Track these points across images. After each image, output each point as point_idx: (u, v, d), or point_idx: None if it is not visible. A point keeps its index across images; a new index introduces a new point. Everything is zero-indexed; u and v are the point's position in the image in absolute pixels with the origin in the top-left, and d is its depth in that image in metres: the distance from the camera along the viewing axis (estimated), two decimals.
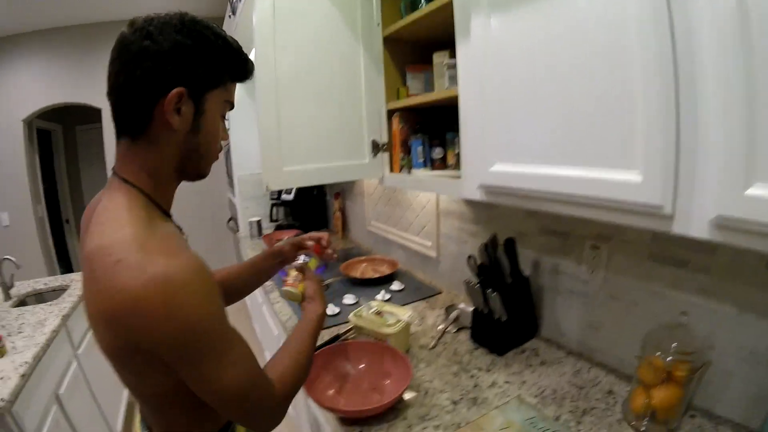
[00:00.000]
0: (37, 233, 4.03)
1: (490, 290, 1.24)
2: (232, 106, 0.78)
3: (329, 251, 1.14)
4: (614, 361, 1.15)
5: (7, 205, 3.90)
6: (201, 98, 0.69)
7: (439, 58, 1.31)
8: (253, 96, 3.09)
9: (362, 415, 1.02)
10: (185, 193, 1.11)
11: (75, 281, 2.39)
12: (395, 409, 1.05)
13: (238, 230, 3.46)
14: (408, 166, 1.48)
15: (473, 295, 1.32)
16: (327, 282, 1.92)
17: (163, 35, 0.63)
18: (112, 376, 1.77)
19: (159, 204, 0.72)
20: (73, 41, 3.86)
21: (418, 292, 1.80)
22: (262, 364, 0.74)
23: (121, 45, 0.64)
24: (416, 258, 2.05)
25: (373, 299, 1.70)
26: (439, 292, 1.80)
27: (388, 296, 1.74)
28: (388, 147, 1.54)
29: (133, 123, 0.67)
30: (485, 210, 1.55)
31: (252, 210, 3.33)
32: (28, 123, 3.96)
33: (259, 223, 3.12)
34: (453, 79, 1.22)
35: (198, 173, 0.78)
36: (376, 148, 1.53)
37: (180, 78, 0.65)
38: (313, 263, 1.11)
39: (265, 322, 2.44)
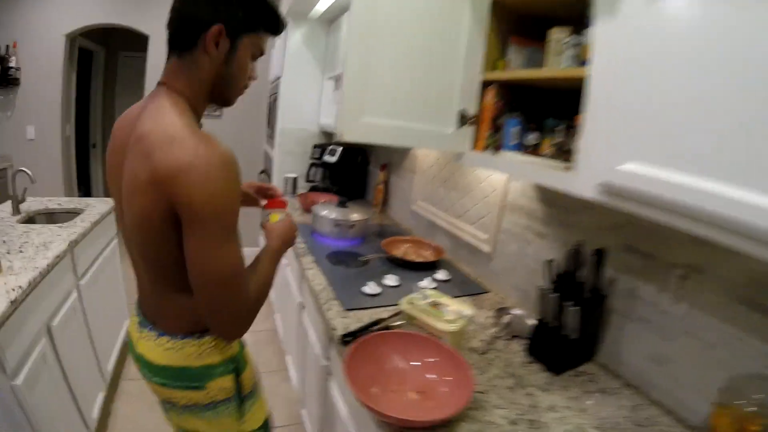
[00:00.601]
0: (60, 152, 3.96)
1: (570, 303, 1.09)
2: (261, 53, 0.94)
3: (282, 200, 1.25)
4: (673, 402, 1.04)
5: (35, 119, 3.81)
6: (236, 39, 0.86)
7: (560, 34, 1.13)
8: (312, 47, 3.03)
9: (412, 425, 0.89)
10: (222, 133, 1.22)
11: (91, 206, 2.26)
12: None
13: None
14: (493, 146, 1.33)
15: (545, 304, 1.19)
16: (367, 258, 1.79)
17: None
18: (111, 312, 1.88)
19: (197, 114, 0.89)
20: None
21: (464, 287, 1.67)
22: None
23: None
24: (464, 249, 1.91)
25: (419, 285, 1.57)
26: (487, 291, 1.66)
27: (433, 285, 1.60)
28: (476, 121, 1.37)
29: (183, 45, 0.85)
30: (564, 212, 1.39)
31: (289, 166, 3.21)
32: (71, 39, 3.84)
33: (295, 180, 3.00)
34: (575, 59, 1.08)
35: (224, 100, 0.95)
36: (463, 119, 1.37)
37: (223, 18, 0.82)
38: (275, 217, 1.17)
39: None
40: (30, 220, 2.10)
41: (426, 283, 1.60)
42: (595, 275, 1.16)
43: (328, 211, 2.04)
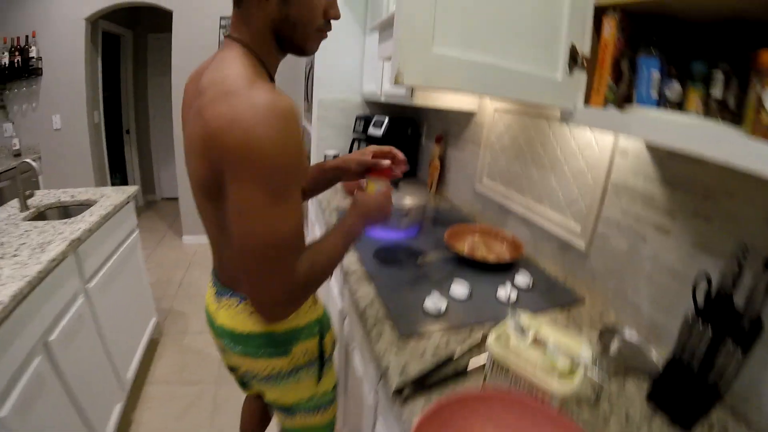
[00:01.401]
0: (89, 140, 3.87)
1: (731, 342, 0.73)
2: None
3: (398, 172, 1.17)
4: None
5: (61, 107, 3.73)
6: None
7: None
8: (353, 7, 2.65)
9: None
10: None
11: (106, 196, 2.05)
12: None
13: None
14: (617, 99, 0.92)
15: (687, 337, 0.82)
16: (426, 260, 1.44)
17: None
18: (132, 313, 2.03)
19: (265, 66, 0.82)
20: None
21: (551, 296, 1.30)
22: None
23: None
24: (549, 243, 1.53)
25: (498, 297, 1.22)
26: (581, 299, 1.30)
27: (515, 296, 1.24)
28: (589, 64, 0.97)
29: None
30: (701, 199, 0.99)
31: (330, 142, 2.89)
32: (93, 23, 3.71)
33: (336, 158, 2.67)
34: None
35: (295, 45, 0.83)
36: (573, 59, 0.96)
37: None
38: (371, 187, 1.07)
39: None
40: (40, 215, 1.93)
41: (504, 292, 1.25)
42: (763, 297, 0.76)
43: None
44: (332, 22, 0.85)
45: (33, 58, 3.50)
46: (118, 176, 4.96)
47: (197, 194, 0.83)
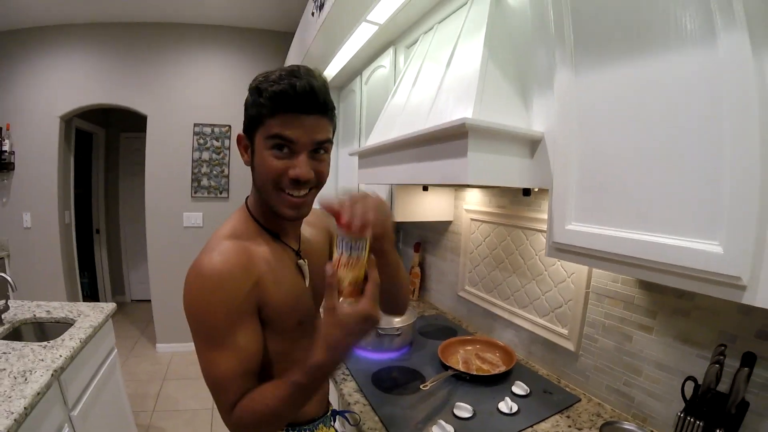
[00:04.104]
0: (60, 240, 3.81)
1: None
2: (281, 137, 0.79)
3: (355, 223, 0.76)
4: None
5: (32, 206, 3.70)
6: (253, 139, 0.84)
7: None
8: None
9: None
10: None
11: (84, 315, 1.99)
12: None
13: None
14: None
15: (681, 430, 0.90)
16: (430, 383, 1.39)
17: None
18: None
19: (266, 226, 0.92)
20: (122, 39, 3.70)
21: (550, 400, 1.36)
22: None
23: None
24: (539, 345, 1.63)
25: (499, 409, 1.26)
26: (578, 400, 1.37)
27: (516, 407, 1.29)
28: None
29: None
30: (676, 298, 1.14)
31: None
32: (67, 121, 3.80)
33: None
34: None
35: (273, 209, 0.87)
36: None
37: (244, 125, 0.86)
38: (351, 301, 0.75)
39: None
40: (15, 332, 1.85)
41: (505, 405, 1.29)
42: (744, 387, 0.89)
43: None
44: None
45: (5, 152, 3.48)
46: (87, 275, 4.81)
47: None
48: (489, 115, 1.10)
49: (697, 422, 0.92)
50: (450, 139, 1.13)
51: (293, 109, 0.76)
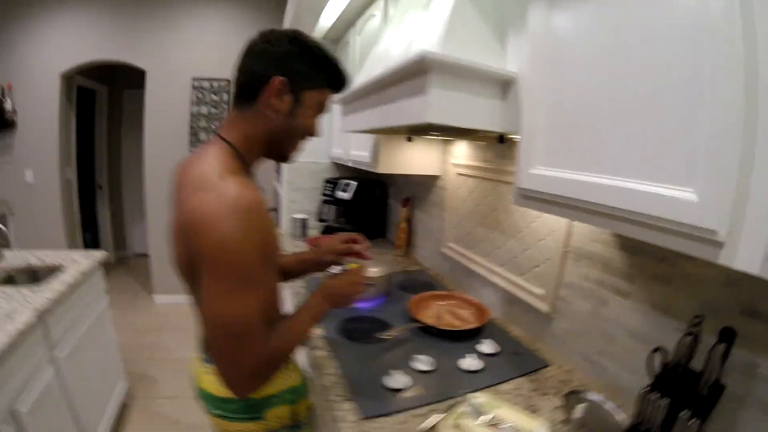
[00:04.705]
0: (61, 196, 3.87)
1: (685, 413, 0.76)
2: (323, 110, 0.97)
3: (366, 254, 1.25)
4: None
5: (34, 163, 3.76)
6: (300, 93, 0.90)
7: None
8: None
9: None
10: None
11: (74, 261, 2.02)
12: None
13: (276, 225, 3.05)
14: None
15: (646, 408, 0.83)
16: (394, 333, 1.41)
17: (279, 42, 0.87)
18: (100, 381, 2.06)
19: (247, 163, 0.92)
20: None
21: (517, 362, 1.30)
22: None
23: (249, 45, 0.90)
24: (513, 306, 1.55)
25: (459, 366, 1.22)
26: (547, 365, 1.30)
27: (480, 365, 1.24)
28: None
29: (244, 98, 0.90)
30: (656, 262, 1.04)
31: (299, 204, 2.93)
32: (68, 78, 3.79)
33: (304, 222, 2.69)
34: None
35: (281, 154, 0.98)
36: None
37: (286, 72, 0.87)
38: (354, 266, 1.14)
39: None
40: (9, 279, 1.90)
41: (469, 362, 1.24)
42: (719, 367, 0.79)
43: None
44: None
45: (8, 110, 3.53)
46: (90, 232, 4.90)
47: (178, 271, 0.90)
48: (458, 52, 0.98)
49: (661, 400, 0.82)
50: (412, 76, 1.06)
51: (339, 90, 0.98)
